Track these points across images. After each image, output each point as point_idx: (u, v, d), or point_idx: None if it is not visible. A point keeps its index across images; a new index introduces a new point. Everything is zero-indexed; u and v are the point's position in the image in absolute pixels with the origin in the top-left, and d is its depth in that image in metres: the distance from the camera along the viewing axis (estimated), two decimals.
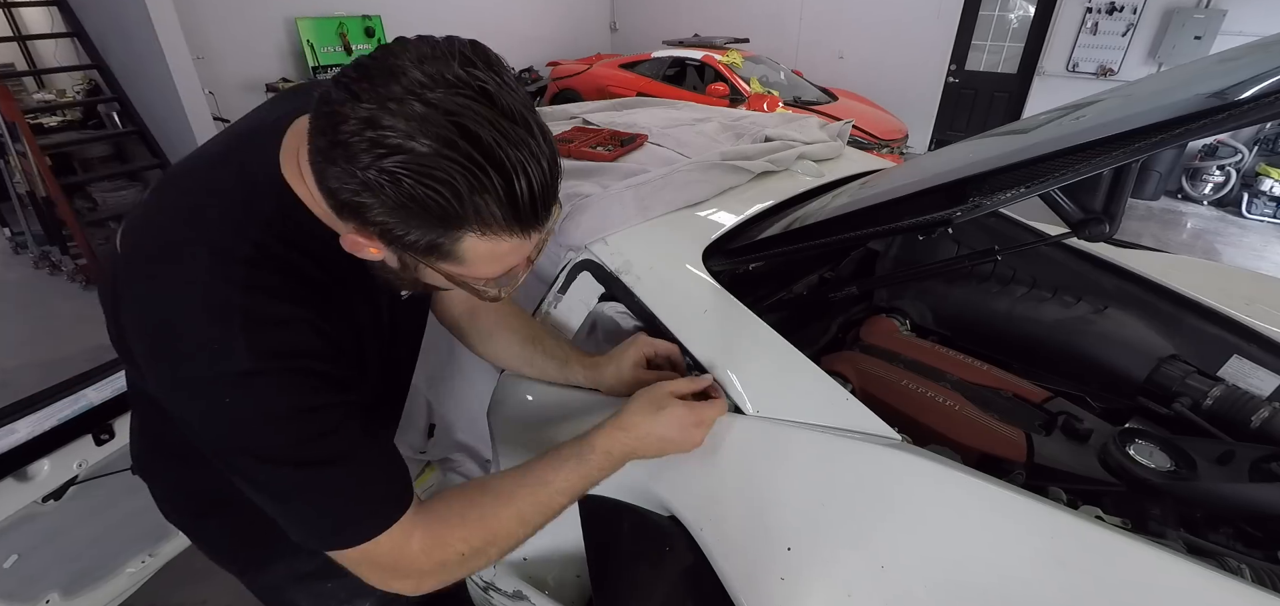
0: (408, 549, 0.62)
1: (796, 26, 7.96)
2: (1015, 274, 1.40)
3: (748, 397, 0.86)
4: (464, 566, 0.66)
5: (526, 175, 0.50)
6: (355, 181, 0.47)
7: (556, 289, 1.10)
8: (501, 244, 0.53)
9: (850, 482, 0.75)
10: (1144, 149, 0.66)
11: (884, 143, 5.20)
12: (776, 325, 0.93)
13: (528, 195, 0.51)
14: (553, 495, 0.70)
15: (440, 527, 0.64)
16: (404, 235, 0.50)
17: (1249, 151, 5.58)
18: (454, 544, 0.65)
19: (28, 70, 5.25)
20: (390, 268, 0.59)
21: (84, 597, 1.35)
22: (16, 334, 3.38)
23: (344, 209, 0.50)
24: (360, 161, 0.46)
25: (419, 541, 0.63)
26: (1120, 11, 5.98)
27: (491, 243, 0.52)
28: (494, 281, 0.60)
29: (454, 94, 0.47)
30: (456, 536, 0.65)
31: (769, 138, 1.52)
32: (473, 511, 0.67)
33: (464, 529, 0.65)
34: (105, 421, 1.27)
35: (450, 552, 0.64)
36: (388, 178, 0.46)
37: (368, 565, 0.62)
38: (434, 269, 0.55)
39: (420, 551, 0.63)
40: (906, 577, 0.67)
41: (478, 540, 0.66)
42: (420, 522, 0.63)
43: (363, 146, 0.46)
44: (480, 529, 0.66)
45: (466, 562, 0.66)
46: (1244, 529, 0.83)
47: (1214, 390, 1.05)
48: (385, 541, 0.61)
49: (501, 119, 0.48)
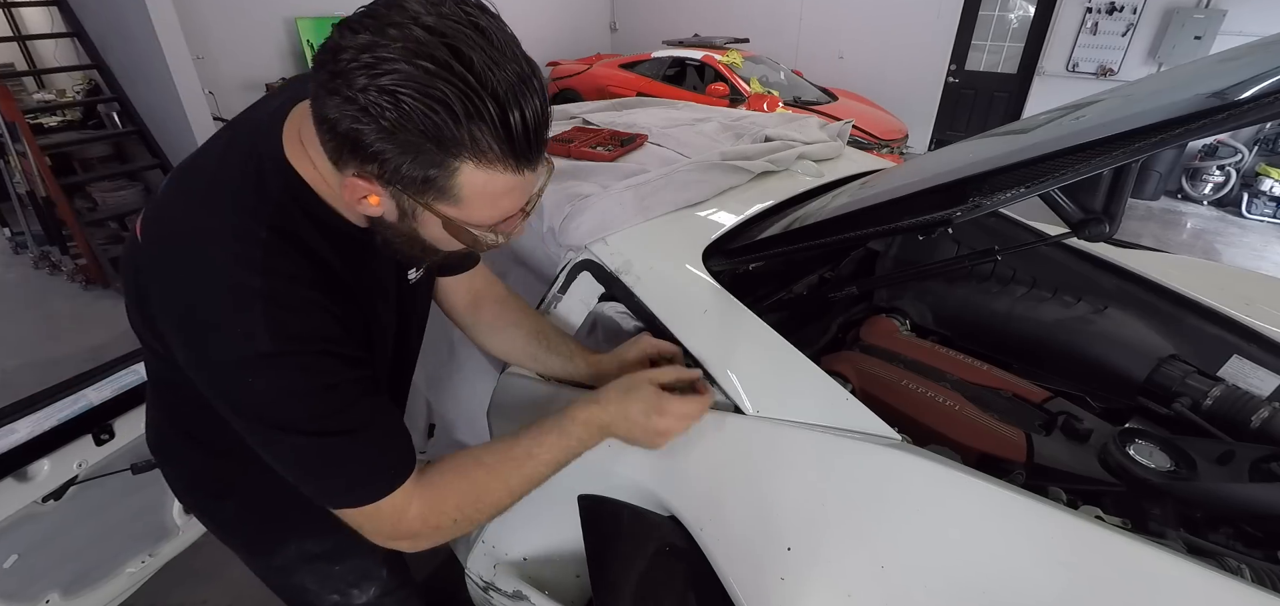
0: (407, 513, 0.68)
1: (796, 26, 7.96)
2: (1015, 274, 1.40)
3: (748, 397, 0.86)
4: (455, 530, 0.72)
5: (520, 106, 0.51)
6: (353, 107, 0.48)
7: (557, 289, 1.10)
8: (497, 178, 0.54)
9: (850, 482, 0.76)
10: (1144, 149, 0.66)
11: (884, 143, 5.20)
12: (776, 325, 0.93)
13: (522, 126, 0.52)
14: (536, 466, 0.76)
15: (436, 496, 0.70)
16: (400, 167, 0.51)
17: (1249, 151, 5.58)
18: (447, 511, 0.71)
19: (28, 70, 5.24)
20: (391, 227, 0.60)
21: (84, 597, 1.35)
22: (16, 334, 3.38)
23: (342, 145, 0.52)
24: (357, 83, 0.48)
25: (417, 507, 0.69)
26: (1120, 11, 5.98)
27: (487, 175, 0.53)
28: (491, 228, 0.61)
29: (449, 22, 0.49)
30: (450, 505, 0.71)
31: (769, 138, 1.52)
32: (464, 482, 0.72)
33: (457, 498, 0.71)
34: (105, 421, 1.27)
35: (444, 518, 0.71)
36: (386, 98, 0.47)
37: (371, 525, 0.67)
38: (432, 212, 0.56)
39: (417, 516, 0.69)
40: (906, 577, 0.67)
41: (469, 508, 0.72)
42: (418, 491, 0.69)
43: (359, 69, 0.47)
44: (471, 498, 0.72)
45: (458, 526, 0.72)
46: (1244, 529, 0.83)
47: (1214, 390, 1.05)
48: (386, 505, 0.66)
49: (494, 49, 0.50)
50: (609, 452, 0.91)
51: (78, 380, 1.28)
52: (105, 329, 3.36)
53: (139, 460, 1.35)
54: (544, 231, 1.15)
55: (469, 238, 0.60)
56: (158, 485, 1.45)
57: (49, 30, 5.12)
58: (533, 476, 0.75)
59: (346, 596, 1.01)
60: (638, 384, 0.81)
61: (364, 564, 1.00)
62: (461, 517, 0.72)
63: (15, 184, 3.91)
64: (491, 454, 0.75)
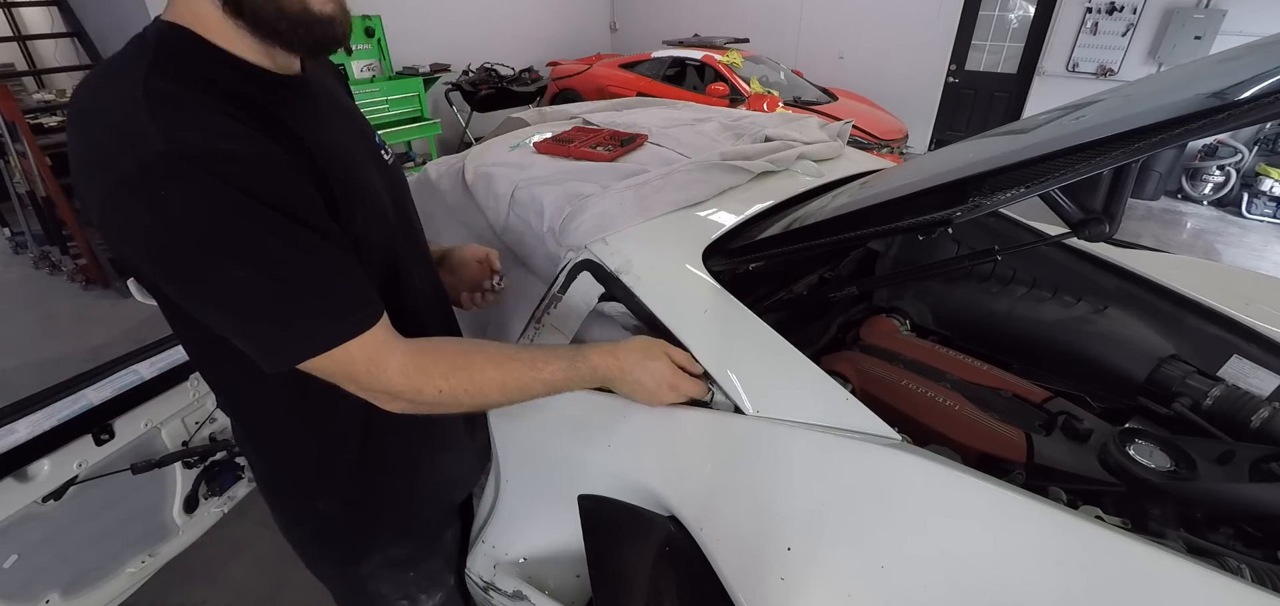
0: (387, 366, 0.65)
1: (796, 26, 7.96)
2: (1015, 274, 1.40)
3: (748, 397, 0.86)
4: (437, 403, 0.70)
5: None
6: None
7: (557, 288, 1.10)
8: None
9: (850, 482, 0.75)
10: (1144, 149, 0.66)
11: (884, 143, 5.20)
12: (776, 325, 0.93)
13: None
14: (536, 379, 0.77)
15: (425, 360, 0.68)
16: None
17: (1249, 151, 5.58)
18: (434, 378, 0.68)
19: (28, 70, 5.25)
20: None
21: (84, 597, 1.35)
22: (16, 334, 3.38)
23: None
24: None
25: (399, 362, 0.66)
26: (1120, 11, 5.98)
27: None
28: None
29: None
30: (439, 372, 0.69)
31: (769, 138, 1.52)
32: (461, 358, 0.71)
33: (448, 368, 0.69)
34: (105, 421, 1.27)
35: (428, 385, 0.68)
36: None
37: (344, 372, 0.63)
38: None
39: (398, 372, 0.65)
40: (906, 577, 0.67)
41: (458, 385, 0.70)
42: (404, 347, 0.67)
43: None
44: (463, 377, 0.70)
45: (440, 400, 0.70)
46: (1244, 529, 0.83)
47: (1214, 390, 1.05)
48: (358, 352, 0.62)
49: None
50: (609, 452, 0.91)
51: (78, 380, 1.28)
52: (105, 329, 3.36)
53: (139, 460, 1.36)
54: (544, 231, 1.15)
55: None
56: (158, 485, 1.46)
57: (49, 30, 5.12)
58: (529, 387, 0.76)
59: (415, 601, 1.00)
60: (655, 351, 0.87)
61: (435, 568, 1.01)
62: (447, 390, 0.69)
63: (15, 184, 3.91)
64: (495, 347, 0.75)
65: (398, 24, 6.23)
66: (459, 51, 6.65)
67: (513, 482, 1.06)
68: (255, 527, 1.90)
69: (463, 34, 6.93)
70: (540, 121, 1.85)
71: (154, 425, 1.38)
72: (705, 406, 0.90)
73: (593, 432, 0.93)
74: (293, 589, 1.80)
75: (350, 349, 0.62)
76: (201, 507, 1.58)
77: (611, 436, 0.91)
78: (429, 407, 0.71)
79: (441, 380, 0.69)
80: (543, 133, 1.59)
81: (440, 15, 6.67)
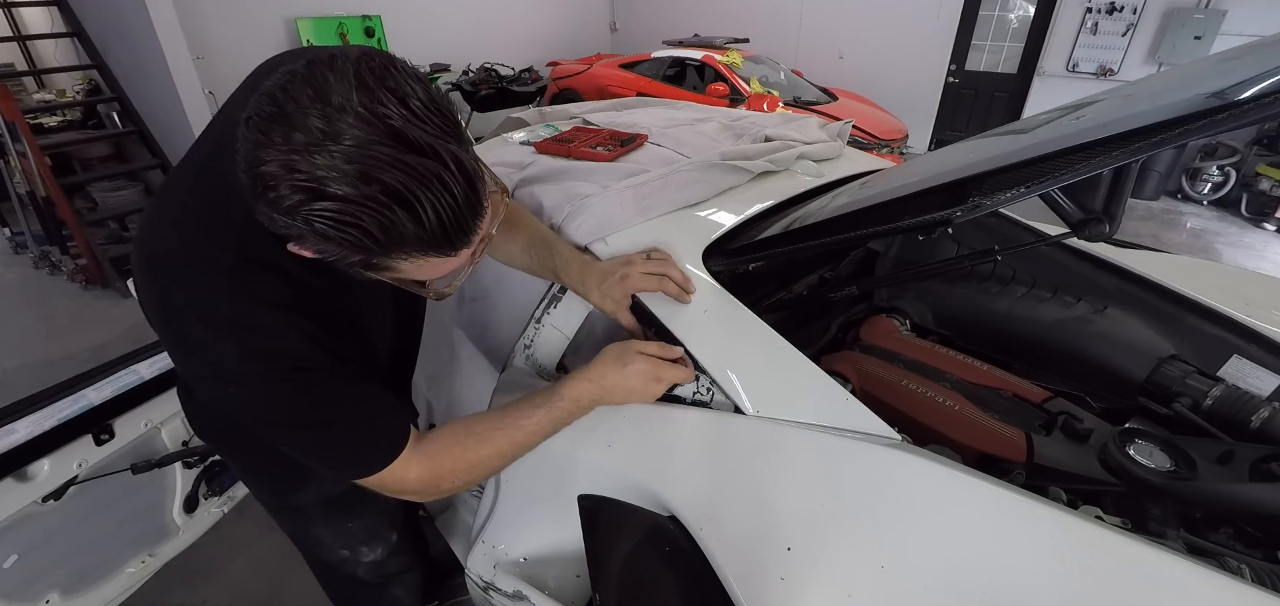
0: (407, 478, 0.77)
1: (796, 26, 7.96)
2: (1015, 274, 1.40)
3: (748, 398, 0.86)
4: (456, 488, 0.83)
5: (436, 208, 0.52)
6: (280, 222, 0.51)
7: (557, 288, 1.10)
8: (428, 264, 0.57)
9: (850, 482, 0.75)
10: (1144, 149, 0.66)
11: (884, 143, 5.20)
12: (776, 325, 0.93)
13: (438, 224, 0.53)
14: (526, 436, 0.84)
15: (433, 463, 0.79)
16: (338, 259, 0.54)
17: (1248, 151, 5.58)
18: (444, 476, 0.80)
19: (28, 70, 5.24)
20: None
21: (84, 597, 1.35)
22: (16, 334, 3.38)
23: (280, 235, 0.54)
24: (280, 205, 0.49)
25: (416, 472, 0.77)
26: (1120, 12, 5.98)
27: (417, 263, 0.57)
28: (433, 285, 0.66)
29: (358, 128, 0.48)
30: (445, 470, 0.80)
31: (769, 138, 1.52)
32: (458, 448, 0.81)
33: (452, 463, 0.80)
34: (105, 421, 1.27)
35: (442, 480, 0.80)
36: (305, 223, 0.50)
37: (377, 487, 0.76)
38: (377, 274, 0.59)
39: (416, 478, 0.77)
40: (906, 577, 0.67)
41: (463, 472, 0.81)
42: (416, 458, 0.77)
43: (280, 195, 0.49)
44: (465, 464, 0.81)
45: (457, 485, 0.82)
46: (1244, 529, 0.83)
47: (1214, 390, 1.05)
48: (387, 475, 0.75)
49: (408, 155, 0.49)
50: (609, 453, 0.91)
51: (78, 380, 1.28)
52: (105, 329, 3.37)
53: (139, 460, 1.36)
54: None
55: (418, 289, 0.66)
56: (158, 485, 1.46)
57: (49, 30, 5.11)
58: (522, 444, 0.84)
59: (356, 553, 1.11)
60: (629, 356, 0.88)
61: (375, 524, 1.09)
62: (458, 480, 0.81)
63: (15, 184, 3.91)
64: (484, 423, 0.84)
65: (398, 24, 6.24)
66: (459, 51, 6.66)
67: (513, 483, 1.06)
68: (255, 527, 1.90)
69: (462, 34, 6.94)
70: (540, 121, 1.85)
71: (154, 425, 1.38)
72: (705, 406, 0.90)
73: (592, 433, 0.93)
74: (293, 588, 1.80)
75: (382, 476, 0.75)
76: (201, 507, 1.58)
77: (611, 437, 0.91)
78: (447, 494, 0.84)
79: (449, 478, 0.80)
80: (542, 132, 1.59)
81: (440, 15, 6.67)
